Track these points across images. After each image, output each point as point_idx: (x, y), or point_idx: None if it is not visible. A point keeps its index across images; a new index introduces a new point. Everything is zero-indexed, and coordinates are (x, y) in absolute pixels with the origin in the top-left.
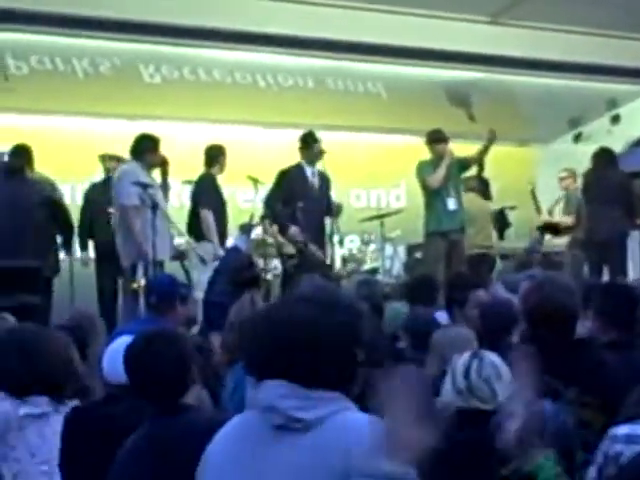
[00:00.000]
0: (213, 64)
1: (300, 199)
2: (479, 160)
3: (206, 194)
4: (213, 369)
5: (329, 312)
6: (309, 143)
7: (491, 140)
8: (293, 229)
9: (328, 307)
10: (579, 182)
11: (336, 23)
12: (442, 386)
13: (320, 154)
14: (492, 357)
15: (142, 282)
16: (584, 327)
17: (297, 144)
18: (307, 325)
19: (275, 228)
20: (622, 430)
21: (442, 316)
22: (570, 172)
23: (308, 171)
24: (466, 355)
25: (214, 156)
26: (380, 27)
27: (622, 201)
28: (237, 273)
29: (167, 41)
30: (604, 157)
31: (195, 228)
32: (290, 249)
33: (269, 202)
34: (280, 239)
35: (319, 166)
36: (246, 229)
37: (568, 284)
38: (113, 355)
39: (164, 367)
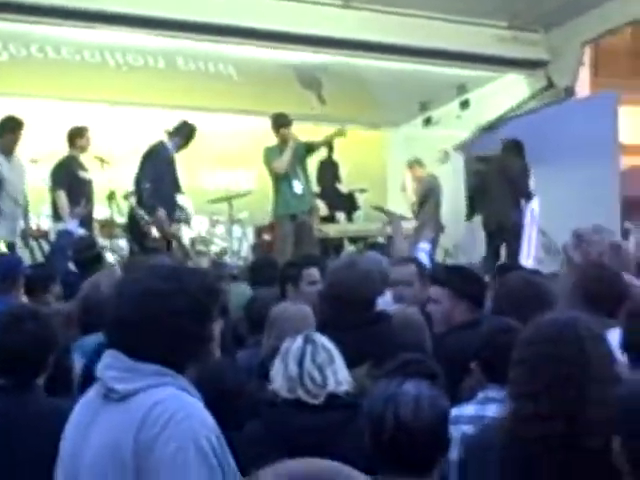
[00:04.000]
0: (61, 42)
1: (162, 179)
2: (322, 147)
3: (59, 174)
4: None
5: (153, 290)
6: (185, 134)
7: (337, 135)
8: (160, 212)
9: (154, 285)
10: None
11: (186, 3)
12: (271, 368)
13: (186, 147)
14: (323, 340)
15: None
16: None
17: (149, 123)
18: (132, 301)
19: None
20: (468, 411)
21: None
22: (416, 161)
23: (170, 152)
24: (299, 340)
25: (71, 137)
26: (231, 8)
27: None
28: (78, 253)
29: (15, 18)
30: (507, 146)
31: (53, 208)
32: (154, 231)
33: (138, 182)
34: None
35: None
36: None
37: (366, 268)
38: None
39: (30, 345)
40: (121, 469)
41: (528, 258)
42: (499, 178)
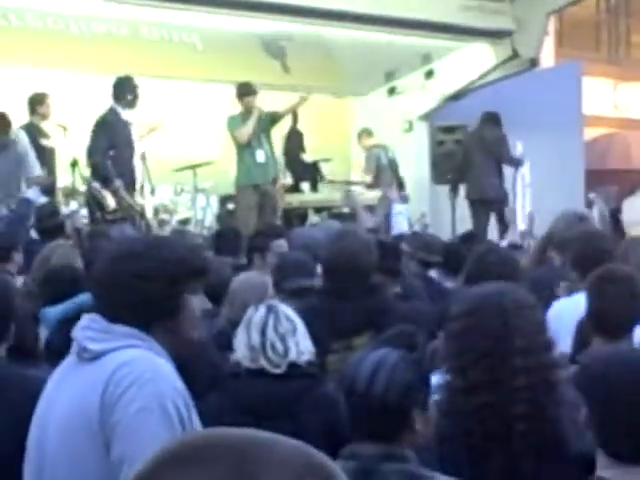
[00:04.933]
0: (24, 9)
1: (119, 145)
2: (286, 116)
3: None
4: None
5: (117, 261)
6: (127, 88)
7: (300, 104)
8: (117, 183)
9: (127, 252)
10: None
11: None
12: (234, 338)
13: (136, 100)
14: (286, 310)
15: None
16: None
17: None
18: (105, 267)
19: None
20: (435, 380)
21: None
22: (365, 130)
23: (123, 115)
24: (262, 309)
25: (32, 104)
26: None
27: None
28: (40, 221)
29: None
30: (484, 118)
31: None
32: (112, 202)
33: (91, 152)
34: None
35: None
36: None
37: (365, 237)
38: None
39: None
40: (88, 427)
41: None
42: (478, 149)
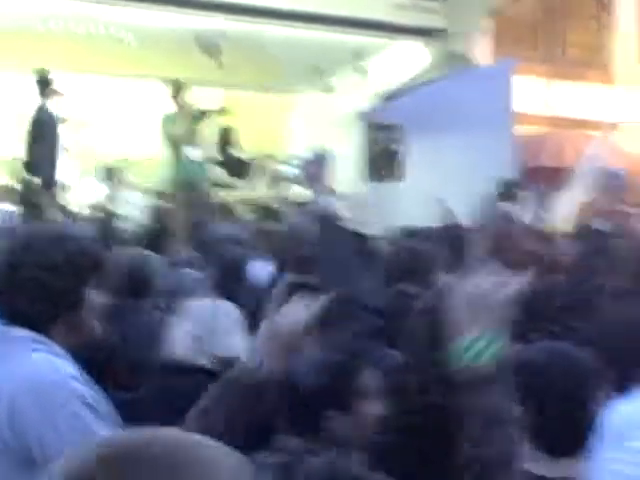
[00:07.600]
0: None
1: (46, 140)
2: (217, 114)
3: None
4: None
5: (19, 253)
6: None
7: (220, 113)
8: (47, 180)
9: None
10: None
11: None
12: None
13: (53, 92)
14: (229, 306)
15: None
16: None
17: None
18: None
19: None
20: None
21: None
22: None
23: (51, 110)
24: (207, 301)
25: None
26: None
27: None
28: None
29: None
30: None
31: None
32: (44, 200)
33: (27, 152)
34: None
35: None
36: None
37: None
38: None
39: None
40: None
41: None
42: None
